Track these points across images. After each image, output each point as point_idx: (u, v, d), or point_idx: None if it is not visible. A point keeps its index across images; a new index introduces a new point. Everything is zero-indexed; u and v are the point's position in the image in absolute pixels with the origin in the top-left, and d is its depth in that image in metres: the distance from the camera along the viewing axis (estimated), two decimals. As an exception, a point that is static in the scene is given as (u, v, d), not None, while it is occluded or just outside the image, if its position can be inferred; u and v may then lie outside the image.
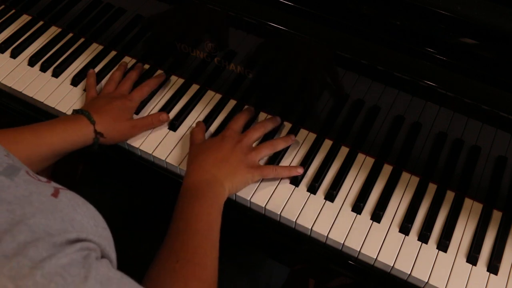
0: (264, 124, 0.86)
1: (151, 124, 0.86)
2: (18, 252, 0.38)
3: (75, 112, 0.82)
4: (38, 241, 0.39)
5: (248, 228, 0.85)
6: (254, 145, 0.84)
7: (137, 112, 0.89)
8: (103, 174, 1.07)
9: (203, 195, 0.72)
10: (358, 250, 0.74)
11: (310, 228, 0.76)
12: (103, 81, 0.94)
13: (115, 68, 0.95)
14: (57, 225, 0.42)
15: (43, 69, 0.95)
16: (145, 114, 0.89)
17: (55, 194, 0.46)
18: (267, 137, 0.86)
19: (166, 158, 0.83)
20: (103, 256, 0.46)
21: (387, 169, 0.83)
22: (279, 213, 0.78)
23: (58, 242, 0.40)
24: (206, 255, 0.65)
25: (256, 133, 0.83)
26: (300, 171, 0.81)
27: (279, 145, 0.84)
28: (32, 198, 0.43)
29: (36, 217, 0.41)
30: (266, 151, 0.82)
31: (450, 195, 0.81)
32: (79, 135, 0.77)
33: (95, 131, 0.79)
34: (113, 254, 0.49)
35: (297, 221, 0.77)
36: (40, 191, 0.45)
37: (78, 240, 0.42)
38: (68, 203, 0.46)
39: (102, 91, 0.90)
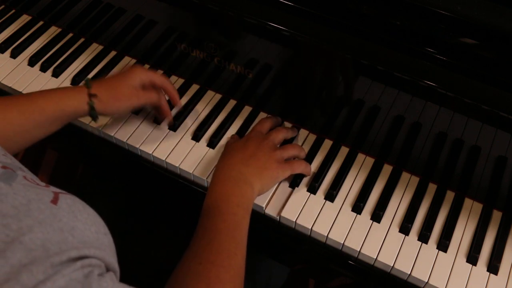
0: (286, 128, 0.85)
1: (155, 99, 0.81)
2: (11, 278, 0.36)
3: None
4: (33, 264, 0.38)
5: (248, 228, 0.85)
6: None
7: (136, 112, 0.89)
8: (103, 174, 1.07)
9: (229, 194, 0.70)
10: (358, 250, 0.74)
11: (310, 228, 0.76)
12: (103, 81, 0.94)
13: None
14: (57, 237, 0.41)
15: (43, 69, 0.95)
16: (145, 114, 0.89)
17: (55, 200, 0.45)
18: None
19: (166, 158, 0.83)
20: (108, 269, 0.45)
21: (387, 169, 0.83)
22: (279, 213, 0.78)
23: (57, 261, 0.39)
24: (230, 256, 0.63)
25: (280, 134, 0.82)
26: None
27: (303, 152, 0.83)
28: (31, 206, 0.42)
29: (34, 231, 0.40)
30: (293, 152, 0.81)
31: (450, 195, 0.81)
32: (72, 99, 0.74)
33: (89, 93, 0.75)
34: (115, 263, 0.48)
35: (297, 221, 0.77)
36: (39, 197, 0.44)
37: (80, 258, 0.41)
38: (68, 209, 0.45)
39: None
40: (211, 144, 0.85)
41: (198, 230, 0.67)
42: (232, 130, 0.88)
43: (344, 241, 0.75)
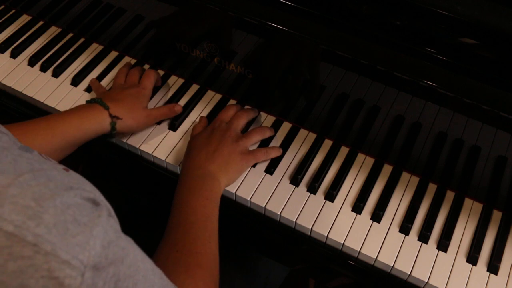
0: (246, 112, 0.87)
1: (165, 114, 0.86)
2: (40, 183, 0.39)
3: (88, 102, 0.81)
4: (56, 183, 0.40)
5: (248, 228, 0.85)
6: None
7: (137, 112, 0.89)
8: (103, 174, 1.07)
9: (197, 189, 0.73)
10: (358, 250, 0.74)
11: (310, 228, 0.76)
12: (103, 82, 0.94)
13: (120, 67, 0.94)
14: (72, 182, 0.43)
15: (43, 69, 0.95)
16: (145, 114, 0.89)
17: (66, 169, 0.47)
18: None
19: (166, 158, 0.83)
20: None
21: (387, 169, 0.83)
22: (279, 213, 0.78)
23: (76, 187, 0.42)
24: (205, 244, 0.67)
25: (241, 120, 0.85)
26: (281, 151, 0.84)
27: (267, 132, 0.85)
28: (45, 166, 0.44)
29: (53, 172, 0.42)
30: (257, 137, 0.84)
31: (450, 195, 0.81)
32: (93, 122, 0.77)
33: (111, 115, 0.78)
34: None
35: (297, 221, 0.77)
36: (53, 165, 0.46)
37: (91, 198, 0.43)
38: (79, 178, 0.47)
39: (113, 84, 0.90)
40: (211, 144, 0.85)
41: (171, 223, 0.70)
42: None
43: (344, 241, 0.75)
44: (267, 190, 0.80)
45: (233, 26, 0.80)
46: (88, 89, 0.92)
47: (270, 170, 0.82)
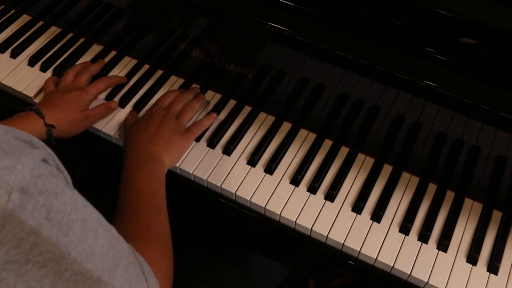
0: (185, 96, 0.89)
1: (103, 113, 0.87)
2: None
3: (26, 109, 0.81)
4: None
5: (248, 228, 0.85)
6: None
7: (137, 112, 0.89)
8: (103, 175, 1.07)
9: (143, 169, 0.75)
10: (358, 250, 0.75)
11: (310, 228, 0.76)
12: (103, 81, 0.94)
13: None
14: (8, 129, 0.43)
15: (43, 69, 0.95)
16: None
17: None
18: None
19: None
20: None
21: (387, 169, 0.83)
22: (279, 213, 0.78)
23: (10, 129, 0.42)
24: (154, 216, 0.70)
25: (179, 105, 0.87)
26: (215, 116, 0.88)
27: (196, 106, 0.88)
28: None
29: None
30: (190, 114, 0.86)
31: (450, 195, 0.81)
32: (29, 131, 0.75)
33: (46, 124, 0.78)
34: None
35: (297, 221, 0.77)
36: None
37: (26, 140, 0.43)
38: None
39: (60, 83, 0.89)
40: (212, 144, 0.85)
41: (120, 204, 0.72)
42: (232, 128, 0.88)
43: (344, 241, 0.75)
44: (267, 190, 0.80)
45: (233, 26, 0.80)
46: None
47: (270, 169, 0.82)
